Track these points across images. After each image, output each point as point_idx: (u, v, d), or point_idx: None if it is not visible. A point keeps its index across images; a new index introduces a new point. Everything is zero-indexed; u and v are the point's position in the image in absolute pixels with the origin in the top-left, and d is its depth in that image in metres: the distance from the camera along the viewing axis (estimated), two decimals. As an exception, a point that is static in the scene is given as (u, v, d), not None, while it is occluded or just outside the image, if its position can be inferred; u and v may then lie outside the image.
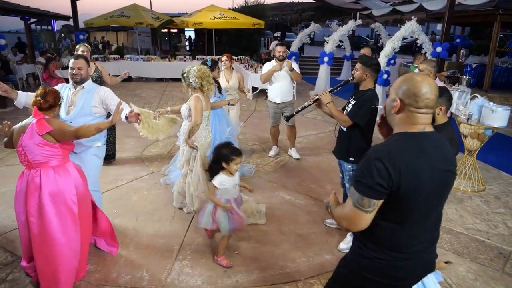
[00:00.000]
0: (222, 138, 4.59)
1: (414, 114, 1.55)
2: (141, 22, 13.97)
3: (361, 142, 3.25)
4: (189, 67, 3.77)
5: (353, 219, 1.57)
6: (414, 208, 1.54)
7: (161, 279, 3.00)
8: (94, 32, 25.27)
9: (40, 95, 2.67)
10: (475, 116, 4.73)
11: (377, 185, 1.48)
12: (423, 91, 1.51)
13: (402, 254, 1.61)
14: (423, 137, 1.55)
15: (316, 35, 13.71)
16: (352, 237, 3.42)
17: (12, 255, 3.27)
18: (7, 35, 10.71)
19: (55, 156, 2.68)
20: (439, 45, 8.80)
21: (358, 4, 13.44)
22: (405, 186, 1.48)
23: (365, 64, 3.18)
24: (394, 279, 1.64)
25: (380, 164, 1.48)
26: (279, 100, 5.49)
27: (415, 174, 1.48)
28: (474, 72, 12.15)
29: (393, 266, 1.62)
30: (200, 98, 3.69)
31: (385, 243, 1.62)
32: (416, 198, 1.52)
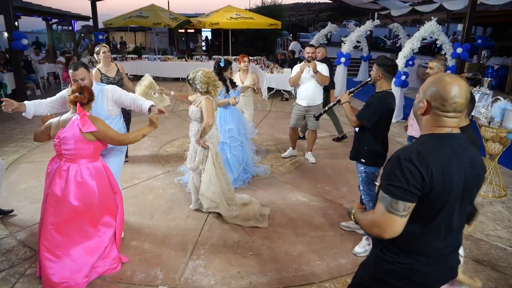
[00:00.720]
0: (226, 136, 4.63)
1: (441, 118, 1.50)
2: (158, 23, 14.14)
3: (372, 143, 3.23)
4: (194, 71, 3.80)
5: (386, 224, 1.49)
6: (441, 211, 1.50)
7: (175, 278, 3.02)
8: (113, 32, 25.69)
9: (77, 91, 2.75)
10: (497, 119, 4.60)
11: (412, 187, 1.43)
12: (452, 95, 1.45)
13: (426, 259, 1.56)
14: (453, 139, 1.51)
15: (333, 35, 13.65)
16: (367, 241, 3.38)
17: (31, 250, 3.33)
18: (29, 35, 10.99)
19: (87, 153, 2.78)
20: (460, 46, 8.60)
21: (376, 4, 13.24)
22: (437, 188, 1.44)
23: (378, 63, 3.16)
24: (417, 285, 1.59)
25: (411, 165, 1.44)
26: (305, 104, 5.36)
27: (447, 177, 1.45)
28: (496, 74, 11.84)
29: (416, 271, 1.57)
30: (210, 99, 3.76)
31: (408, 246, 1.56)
32: (445, 200, 1.48)
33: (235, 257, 3.32)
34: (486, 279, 3.07)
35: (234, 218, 3.90)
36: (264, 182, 4.93)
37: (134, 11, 14.73)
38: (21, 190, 4.54)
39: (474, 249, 3.49)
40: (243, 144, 4.87)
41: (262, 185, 4.83)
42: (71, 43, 21.24)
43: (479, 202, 4.47)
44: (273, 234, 3.70)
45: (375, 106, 3.13)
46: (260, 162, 5.59)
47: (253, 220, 3.88)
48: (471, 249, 3.50)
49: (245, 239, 3.60)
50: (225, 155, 4.70)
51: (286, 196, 4.55)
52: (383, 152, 3.26)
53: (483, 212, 4.25)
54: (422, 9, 12.15)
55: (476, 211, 1.99)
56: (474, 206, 1.79)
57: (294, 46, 15.80)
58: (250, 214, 3.94)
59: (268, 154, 6.01)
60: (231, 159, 4.77)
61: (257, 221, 3.88)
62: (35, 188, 4.54)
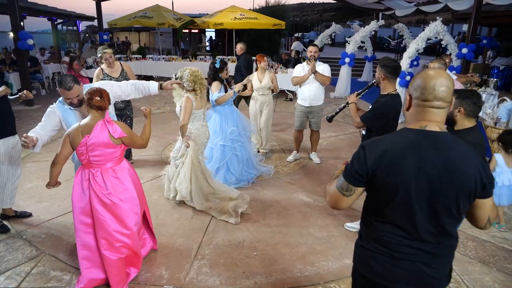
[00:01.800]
0: (227, 138, 4.63)
1: (421, 109, 1.50)
2: (163, 23, 14.15)
3: None
4: (182, 70, 3.94)
5: (333, 198, 1.65)
6: (394, 203, 1.51)
7: (180, 278, 3.02)
8: (118, 32, 25.79)
9: (98, 95, 2.69)
10: (503, 119, 4.57)
11: (356, 170, 1.53)
12: (431, 83, 1.46)
13: (387, 250, 1.57)
14: (421, 134, 1.49)
15: (337, 35, 13.60)
16: None
17: (37, 249, 3.36)
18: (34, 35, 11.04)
19: (115, 156, 2.79)
20: (465, 46, 8.56)
21: (381, 5, 13.21)
22: (380, 177, 1.49)
23: (381, 65, 3.16)
24: (377, 276, 1.60)
25: (362, 151, 1.54)
26: (307, 104, 5.31)
27: (395, 168, 1.46)
28: (502, 74, 11.76)
29: (377, 260, 1.60)
30: (191, 98, 3.88)
31: (370, 232, 1.63)
32: (395, 192, 1.48)
33: (240, 257, 3.32)
34: (492, 281, 3.05)
35: (209, 208, 4.04)
36: (268, 182, 4.93)
37: (139, 11, 14.76)
38: (26, 189, 4.56)
39: (480, 251, 3.47)
40: (243, 144, 4.88)
41: (267, 185, 4.82)
42: (75, 43, 21.34)
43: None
44: (278, 235, 3.69)
45: (380, 112, 3.14)
46: (265, 162, 5.59)
47: (226, 215, 3.95)
48: (477, 250, 3.48)
49: (250, 239, 3.60)
50: (226, 157, 4.71)
51: (290, 196, 4.54)
52: None
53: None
54: (427, 9, 12.11)
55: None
56: None
57: (297, 46, 15.78)
58: (225, 208, 4.01)
59: (272, 154, 6.01)
60: (232, 160, 4.78)
61: (229, 216, 3.94)
62: (40, 188, 4.57)
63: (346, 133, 7.26)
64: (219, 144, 4.66)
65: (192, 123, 4.05)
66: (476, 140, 2.35)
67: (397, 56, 17.06)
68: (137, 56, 14.38)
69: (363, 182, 1.55)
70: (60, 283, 2.93)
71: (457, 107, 2.41)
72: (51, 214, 3.98)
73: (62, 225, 3.78)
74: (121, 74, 5.10)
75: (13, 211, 3.86)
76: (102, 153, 2.70)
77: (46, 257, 3.23)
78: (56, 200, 4.24)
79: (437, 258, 1.56)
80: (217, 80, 4.63)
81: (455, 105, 2.41)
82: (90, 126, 2.67)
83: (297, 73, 5.33)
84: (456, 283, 3.02)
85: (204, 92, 4.06)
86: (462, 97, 2.42)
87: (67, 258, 3.23)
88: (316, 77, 5.14)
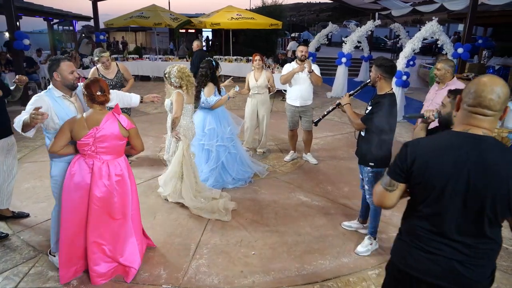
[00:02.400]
0: (224, 138, 4.64)
1: (465, 113, 1.54)
2: (160, 23, 14.15)
3: (379, 147, 3.20)
4: (170, 66, 4.04)
5: (379, 195, 1.75)
6: (430, 200, 1.58)
7: (178, 278, 3.03)
8: (114, 32, 25.71)
9: (99, 90, 2.71)
10: (499, 119, 4.61)
11: (396, 167, 1.65)
12: (481, 89, 1.48)
13: (421, 244, 1.64)
14: (462, 136, 1.53)
15: (333, 35, 13.66)
16: (369, 241, 3.40)
17: (35, 250, 3.35)
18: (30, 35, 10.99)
19: (120, 149, 2.88)
20: (461, 46, 8.61)
21: (377, 5, 13.25)
22: (418, 173, 1.58)
23: (377, 64, 3.16)
24: (412, 269, 1.66)
25: (404, 149, 1.64)
26: (298, 104, 5.31)
27: (433, 166, 1.54)
28: (497, 74, 11.82)
29: (412, 254, 1.67)
30: (182, 93, 3.97)
31: (407, 227, 1.73)
32: (431, 190, 1.56)
33: (238, 256, 3.33)
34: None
35: (199, 210, 4.03)
36: (266, 182, 4.94)
37: (135, 11, 14.74)
38: (24, 190, 4.55)
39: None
40: (235, 142, 4.91)
41: (264, 185, 4.84)
42: (72, 43, 21.25)
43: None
44: (276, 234, 3.71)
45: (382, 113, 3.09)
46: (262, 161, 5.61)
47: (217, 214, 3.99)
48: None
49: (248, 238, 3.61)
50: (221, 158, 4.71)
51: (288, 196, 4.56)
52: (389, 154, 3.25)
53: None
54: (423, 9, 12.15)
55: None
56: None
57: (293, 46, 15.80)
58: (215, 207, 4.06)
59: (269, 154, 6.02)
60: (228, 159, 4.78)
61: (220, 214, 3.98)
62: (38, 188, 4.56)
63: (343, 132, 7.29)
64: (216, 145, 4.65)
65: (182, 117, 4.08)
66: None
67: (394, 55, 17.12)
68: (134, 56, 14.35)
69: (403, 178, 1.65)
70: (58, 283, 2.92)
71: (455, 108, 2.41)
72: (48, 215, 3.93)
73: (60, 225, 3.77)
74: (116, 76, 5.11)
75: (11, 212, 3.85)
76: (110, 144, 2.76)
77: (44, 258, 3.23)
78: (54, 201, 4.22)
79: (474, 260, 1.57)
80: (212, 82, 4.61)
81: (453, 105, 2.41)
82: (97, 119, 2.70)
83: (285, 72, 5.32)
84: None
85: (191, 89, 4.08)
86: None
87: (65, 258, 3.23)
88: (311, 76, 5.14)
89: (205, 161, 4.66)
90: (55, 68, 2.84)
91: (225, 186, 4.66)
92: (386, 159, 3.22)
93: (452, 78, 4.00)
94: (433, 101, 4.09)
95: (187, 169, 4.08)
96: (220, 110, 4.75)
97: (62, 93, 2.90)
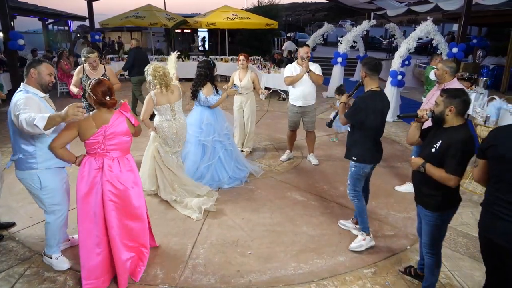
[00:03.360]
0: (221, 134, 4.67)
1: None
2: (155, 23, 14.09)
3: (361, 141, 3.32)
4: (149, 65, 4.09)
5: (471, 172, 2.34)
6: (499, 173, 2.10)
7: (175, 277, 3.03)
8: (109, 32, 25.63)
9: (107, 94, 2.72)
10: (493, 118, 4.65)
11: (480, 147, 2.24)
12: None
13: (507, 211, 2.06)
14: None
15: (329, 35, 13.65)
16: (362, 236, 3.42)
17: (30, 250, 3.34)
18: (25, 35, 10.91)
19: (128, 146, 2.96)
20: (455, 46, 8.67)
21: (372, 5, 13.31)
22: (492, 149, 2.11)
23: (362, 63, 3.33)
24: (501, 236, 2.09)
25: (490, 132, 2.27)
26: (301, 104, 5.29)
27: (503, 143, 2.07)
28: (492, 74, 11.92)
29: (499, 220, 2.10)
30: (152, 97, 4.03)
31: (488, 199, 2.21)
32: (500, 163, 2.09)
33: (234, 256, 3.34)
34: (482, 276, 3.09)
35: (174, 203, 4.20)
36: (262, 181, 4.95)
37: (131, 11, 14.68)
38: (19, 190, 4.51)
39: (471, 247, 3.53)
40: (231, 139, 4.94)
41: (261, 184, 4.85)
42: (67, 43, 21.14)
43: (475, 200, 4.52)
44: (272, 233, 3.72)
45: (357, 107, 3.25)
46: (258, 161, 5.61)
47: (189, 210, 4.06)
48: (467, 246, 3.54)
49: (244, 238, 3.62)
50: (218, 154, 4.72)
51: (284, 195, 4.57)
52: (373, 150, 3.33)
53: (479, 210, 4.27)
54: (418, 9, 12.23)
55: None
56: None
57: (289, 46, 15.82)
58: (188, 205, 4.11)
59: (266, 154, 6.03)
60: (225, 156, 4.79)
61: (191, 211, 4.03)
62: (33, 189, 4.54)
63: (339, 132, 7.29)
64: (214, 140, 4.66)
65: (157, 117, 4.25)
66: (466, 138, 2.40)
67: (389, 55, 17.19)
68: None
69: (482, 155, 2.19)
70: (54, 284, 2.92)
71: (448, 106, 2.45)
72: (43, 216, 3.94)
73: (56, 226, 3.76)
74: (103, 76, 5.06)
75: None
76: (120, 141, 2.81)
77: (40, 258, 3.22)
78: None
79: None
80: (210, 82, 4.63)
81: (446, 104, 2.46)
82: (106, 118, 2.74)
83: (289, 73, 5.29)
84: (447, 278, 3.07)
85: (165, 88, 4.05)
86: (452, 96, 2.46)
87: (61, 259, 3.22)
88: (310, 76, 5.13)
89: (201, 157, 4.66)
90: (35, 65, 2.81)
91: (221, 185, 4.67)
92: (368, 155, 3.31)
93: (452, 79, 4.03)
94: (429, 101, 4.14)
95: (159, 165, 4.22)
96: (217, 108, 4.80)
97: (43, 94, 2.87)
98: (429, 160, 2.52)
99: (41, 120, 2.39)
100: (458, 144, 2.36)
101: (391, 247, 3.53)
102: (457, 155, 2.35)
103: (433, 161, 2.48)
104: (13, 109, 2.65)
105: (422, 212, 2.70)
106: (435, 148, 2.48)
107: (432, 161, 2.49)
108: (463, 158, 2.37)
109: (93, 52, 4.94)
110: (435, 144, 2.48)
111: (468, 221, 4.01)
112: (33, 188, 2.90)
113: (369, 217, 4.04)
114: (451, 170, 2.37)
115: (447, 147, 2.40)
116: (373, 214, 4.11)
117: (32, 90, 2.81)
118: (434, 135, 2.58)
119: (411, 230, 3.76)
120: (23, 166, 2.84)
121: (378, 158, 3.40)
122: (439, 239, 2.67)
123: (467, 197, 4.58)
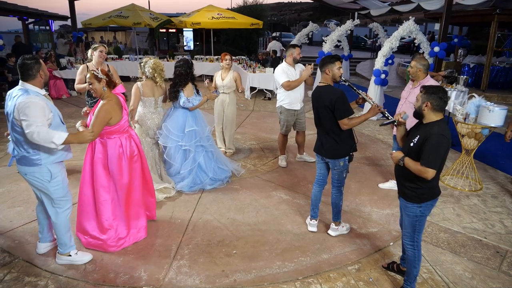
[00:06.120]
0: (202, 137, 4.60)
1: None
2: (139, 23, 13.94)
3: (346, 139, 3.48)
4: (147, 58, 4.40)
5: None
6: None
7: (159, 279, 3.01)
8: (92, 32, 25.22)
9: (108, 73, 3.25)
10: (472, 115, 4.75)
11: None
12: None
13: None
14: None
15: (314, 35, 13.73)
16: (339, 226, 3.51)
17: (10, 255, 3.26)
18: (4, 36, 10.63)
19: None
20: (437, 45, 8.82)
21: (356, 4, 13.44)
22: None
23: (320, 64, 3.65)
24: None
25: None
26: (299, 107, 5.18)
27: None
28: (472, 72, 12.18)
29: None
30: (139, 87, 4.29)
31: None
32: None
33: (219, 256, 3.33)
34: (463, 270, 3.18)
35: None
36: (247, 181, 4.95)
37: (114, 10, 14.49)
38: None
39: (452, 241, 3.60)
40: (212, 142, 4.89)
41: (245, 184, 4.85)
42: (48, 43, 20.71)
43: (456, 195, 4.61)
44: (257, 232, 3.72)
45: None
46: (244, 161, 5.61)
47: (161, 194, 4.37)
48: (448, 241, 3.61)
49: (229, 238, 3.61)
50: (199, 157, 4.64)
51: (269, 194, 4.58)
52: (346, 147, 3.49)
53: (460, 205, 4.38)
54: (401, 9, 12.39)
55: None
56: None
57: (275, 45, 15.85)
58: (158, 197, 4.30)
59: (251, 153, 6.03)
60: (205, 159, 4.72)
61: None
62: (13, 192, 4.44)
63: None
64: (197, 145, 4.60)
65: (141, 108, 4.42)
66: (441, 132, 2.48)
67: (373, 54, 17.38)
68: (113, 56, 14.08)
69: None
70: (35, 288, 2.86)
71: (424, 102, 2.55)
72: (24, 219, 3.87)
73: (37, 230, 3.68)
74: None
75: None
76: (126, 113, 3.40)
77: (20, 263, 3.15)
78: (30, 205, 4.12)
79: None
80: (190, 81, 4.57)
81: (423, 100, 2.57)
82: (118, 100, 3.26)
83: (285, 76, 4.93)
84: (429, 273, 3.13)
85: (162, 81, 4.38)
86: (429, 92, 2.56)
87: (42, 263, 3.16)
88: (306, 80, 4.99)
89: (181, 161, 4.59)
90: (41, 66, 2.84)
91: (203, 187, 4.62)
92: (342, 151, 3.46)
93: (426, 76, 4.12)
94: (407, 99, 4.21)
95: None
96: (196, 110, 4.70)
97: (44, 91, 2.89)
98: (408, 154, 2.63)
99: (59, 139, 2.67)
100: (432, 138, 2.46)
101: (374, 243, 3.57)
102: (431, 148, 2.45)
103: (412, 155, 2.59)
104: (17, 113, 2.67)
105: (403, 203, 2.79)
106: (413, 142, 2.61)
107: (411, 154, 2.60)
108: (437, 151, 2.45)
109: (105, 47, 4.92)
110: (414, 139, 2.61)
111: (449, 216, 4.09)
112: (41, 181, 2.90)
113: (353, 214, 4.09)
114: (425, 163, 2.47)
115: (422, 141, 2.51)
116: (356, 211, 4.16)
117: (33, 89, 2.79)
118: (414, 131, 2.71)
119: (394, 227, 3.81)
120: (30, 163, 2.85)
121: None
122: (419, 230, 2.75)
123: (448, 193, 4.68)
